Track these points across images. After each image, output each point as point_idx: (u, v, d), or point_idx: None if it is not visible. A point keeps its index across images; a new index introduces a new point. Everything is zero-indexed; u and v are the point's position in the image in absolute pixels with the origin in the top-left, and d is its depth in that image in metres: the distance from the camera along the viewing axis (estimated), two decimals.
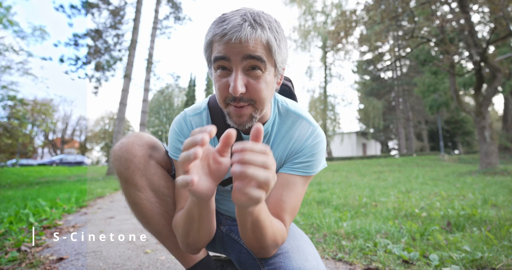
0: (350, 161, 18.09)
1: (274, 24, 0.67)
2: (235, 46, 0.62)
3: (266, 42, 0.64)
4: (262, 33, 0.63)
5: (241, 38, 0.61)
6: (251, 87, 0.66)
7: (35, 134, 28.86)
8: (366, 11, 9.25)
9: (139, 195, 0.79)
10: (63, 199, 4.20)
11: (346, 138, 30.89)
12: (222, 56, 0.63)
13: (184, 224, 0.69)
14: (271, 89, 0.70)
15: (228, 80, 0.65)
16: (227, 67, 0.65)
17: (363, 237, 1.82)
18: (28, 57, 12.55)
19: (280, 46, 0.67)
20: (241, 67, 0.64)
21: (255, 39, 0.62)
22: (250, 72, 0.65)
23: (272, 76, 0.69)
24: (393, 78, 31.96)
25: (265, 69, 0.66)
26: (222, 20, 0.64)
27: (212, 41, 0.66)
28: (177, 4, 14.24)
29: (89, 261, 1.55)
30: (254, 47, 0.63)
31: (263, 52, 0.64)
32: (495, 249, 1.45)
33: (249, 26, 0.62)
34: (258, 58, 0.63)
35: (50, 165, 25.41)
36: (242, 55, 0.62)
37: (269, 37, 0.64)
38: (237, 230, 0.98)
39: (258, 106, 0.68)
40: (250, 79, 0.66)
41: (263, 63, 0.65)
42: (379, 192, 4.39)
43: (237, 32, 0.61)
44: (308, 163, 0.79)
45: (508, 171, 7.38)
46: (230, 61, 0.64)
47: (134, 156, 0.78)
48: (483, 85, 9.05)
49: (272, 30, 0.65)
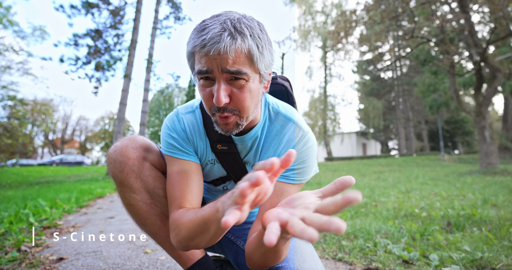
0: (350, 161, 18.09)
1: (256, 29, 0.64)
2: (215, 57, 0.60)
3: (247, 51, 0.62)
4: (242, 43, 0.61)
5: (219, 50, 0.59)
6: (235, 97, 0.65)
7: (35, 134, 28.92)
8: (366, 11, 9.25)
9: (134, 197, 0.79)
10: (63, 199, 4.20)
11: (346, 138, 30.90)
12: (206, 70, 0.62)
13: (194, 230, 0.66)
14: (256, 97, 0.69)
15: (211, 90, 0.65)
16: (210, 77, 0.64)
17: (363, 237, 1.82)
18: (28, 57, 12.61)
19: (263, 53, 0.65)
20: (223, 78, 0.63)
21: (235, 50, 0.60)
22: (233, 82, 0.64)
23: (257, 83, 0.68)
24: (393, 78, 31.96)
25: (249, 79, 0.64)
26: (201, 29, 0.62)
27: (193, 52, 0.65)
28: (177, 4, 14.24)
29: (89, 261, 1.54)
30: (234, 59, 0.61)
31: (245, 62, 0.62)
32: (495, 249, 1.45)
33: (229, 35, 0.59)
34: (236, 73, 0.62)
35: (50, 165, 25.41)
36: (221, 67, 0.61)
37: (250, 45, 0.62)
38: (233, 230, 0.98)
39: (243, 114, 0.68)
40: (234, 88, 0.64)
41: (244, 75, 0.63)
42: (379, 192, 4.39)
43: (216, 43, 0.59)
44: (299, 170, 0.77)
45: (508, 171, 7.37)
46: (213, 72, 0.62)
47: (128, 158, 0.78)
48: (483, 85, 9.05)
49: (254, 37, 0.63)
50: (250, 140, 0.81)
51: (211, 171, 0.88)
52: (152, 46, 12.75)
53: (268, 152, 0.81)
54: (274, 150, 0.81)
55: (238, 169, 0.85)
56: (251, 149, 0.83)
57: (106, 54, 12.40)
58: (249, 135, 0.80)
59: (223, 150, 0.82)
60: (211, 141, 0.82)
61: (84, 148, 42.80)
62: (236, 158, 0.83)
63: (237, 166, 0.85)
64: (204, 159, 0.85)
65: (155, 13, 13.13)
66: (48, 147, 39.70)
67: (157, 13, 13.16)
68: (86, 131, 43.01)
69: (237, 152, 0.83)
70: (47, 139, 38.28)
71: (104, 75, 12.39)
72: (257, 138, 0.81)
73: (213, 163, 0.86)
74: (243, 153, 0.84)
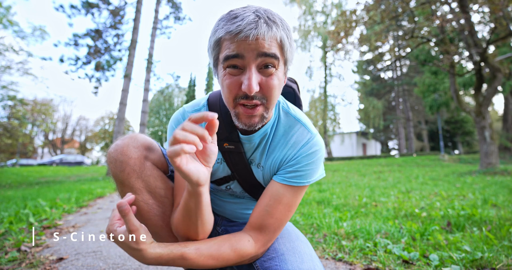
0: (350, 161, 18.09)
1: (285, 22, 0.67)
2: (250, 43, 0.61)
3: (280, 40, 0.64)
4: (277, 31, 0.63)
5: (258, 36, 0.60)
6: (264, 85, 0.65)
7: (35, 134, 28.91)
8: (366, 11, 9.25)
9: (135, 197, 0.79)
10: (63, 199, 4.20)
11: (346, 138, 30.89)
12: (236, 54, 0.62)
13: (183, 218, 0.69)
14: (280, 88, 0.70)
15: (239, 78, 0.64)
16: (239, 65, 0.64)
17: (363, 237, 1.82)
18: (28, 57, 12.60)
19: (291, 45, 0.67)
20: (255, 64, 0.63)
21: (271, 37, 0.62)
22: (263, 70, 0.64)
23: (283, 73, 0.69)
24: (393, 78, 31.96)
25: (278, 67, 0.66)
26: (233, 17, 0.62)
27: (222, 39, 0.64)
28: (177, 4, 14.24)
29: (89, 261, 1.54)
30: (269, 45, 0.62)
31: (277, 50, 0.64)
32: (495, 249, 1.45)
33: (265, 23, 0.61)
34: (273, 55, 0.63)
35: (50, 165, 25.43)
36: (257, 52, 0.61)
37: (282, 34, 0.64)
38: (232, 230, 0.98)
39: (269, 105, 0.68)
40: (263, 77, 0.65)
41: (277, 60, 0.64)
42: (379, 192, 4.39)
43: (254, 29, 0.60)
44: (301, 173, 0.76)
45: (508, 171, 7.37)
46: (244, 58, 0.62)
47: (129, 158, 0.76)
48: (483, 85, 9.05)
49: (284, 27, 0.65)
50: (258, 138, 0.80)
51: (216, 170, 0.87)
52: (152, 46, 12.75)
53: (274, 152, 0.80)
54: (280, 150, 0.80)
55: (243, 169, 0.85)
56: (258, 147, 0.82)
57: (106, 54, 12.40)
58: (259, 133, 0.79)
59: (229, 149, 0.82)
60: (218, 140, 0.82)
61: (84, 148, 42.82)
62: (242, 157, 0.83)
63: (242, 165, 0.84)
64: None
65: (155, 13, 13.13)
66: (48, 147, 39.71)
67: (157, 13, 13.16)
68: (86, 131, 43.04)
69: (243, 151, 0.82)
70: (47, 139, 38.29)
71: (104, 75, 12.39)
72: (266, 136, 0.81)
73: (219, 163, 0.86)
74: (249, 152, 0.83)
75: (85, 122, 42.73)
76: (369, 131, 30.39)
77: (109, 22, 12.54)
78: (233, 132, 0.80)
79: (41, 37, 12.46)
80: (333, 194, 4.14)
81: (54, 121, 37.08)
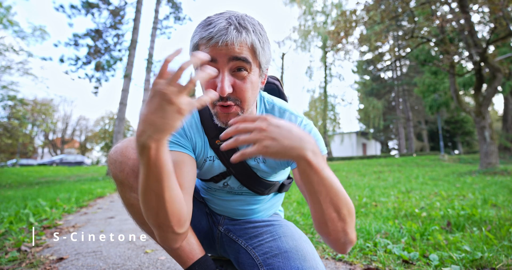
0: (350, 161, 18.09)
1: (258, 27, 0.69)
2: (221, 48, 0.64)
3: (250, 45, 0.67)
4: (247, 36, 0.66)
5: (227, 41, 0.64)
6: (237, 87, 0.68)
7: (35, 134, 28.90)
8: (366, 11, 9.24)
9: (135, 196, 0.79)
10: (63, 199, 4.20)
11: (346, 138, 30.88)
12: (209, 59, 0.64)
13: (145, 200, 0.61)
14: (256, 89, 0.73)
15: (215, 81, 0.67)
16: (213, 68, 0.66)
17: (363, 237, 1.82)
18: (28, 57, 12.58)
19: (264, 48, 0.70)
20: (227, 68, 0.66)
21: (241, 42, 0.65)
22: (236, 73, 0.68)
23: (257, 76, 0.72)
24: (393, 78, 31.96)
25: (251, 70, 0.69)
26: (207, 24, 0.66)
27: (198, 44, 0.68)
28: (177, 4, 14.24)
29: (89, 261, 1.54)
30: (240, 49, 0.65)
31: (248, 54, 0.67)
32: (495, 249, 1.45)
33: (235, 29, 0.64)
34: (243, 59, 0.66)
35: (50, 165, 25.42)
36: (228, 56, 0.65)
37: (254, 39, 0.67)
38: (235, 229, 0.98)
39: (244, 105, 0.71)
40: (237, 79, 0.68)
41: (248, 64, 0.67)
42: (379, 192, 4.39)
43: (223, 35, 0.63)
44: None
45: (508, 171, 7.37)
46: (217, 62, 0.66)
47: (128, 159, 0.78)
48: (483, 85, 9.05)
49: (256, 33, 0.68)
50: None
51: (211, 168, 0.88)
52: (152, 46, 12.74)
53: None
54: None
55: (238, 163, 0.86)
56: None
57: (106, 54, 12.40)
58: None
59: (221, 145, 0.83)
60: (209, 137, 0.84)
61: (84, 148, 42.81)
62: (235, 152, 0.84)
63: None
64: (203, 156, 0.86)
65: (155, 13, 13.13)
66: (48, 147, 39.71)
67: (157, 13, 13.16)
68: (86, 131, 43.03)
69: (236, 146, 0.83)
70: (47, 139, 38.29)
71: (104, 75, 12.39)
72: None
73: (212, 160, 0.87)
74: (241, 146, 0.85)
75: (85, 122, 42.75)
76: (369, 131, 30.38)
77: (109, 22, 12.54)
78: (223, 129, 0.81)
79: (41, 37, 12.47)
80: None
81: (54, 121, 37.08)
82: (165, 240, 0.70)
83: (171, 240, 0.70)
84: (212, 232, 1.04)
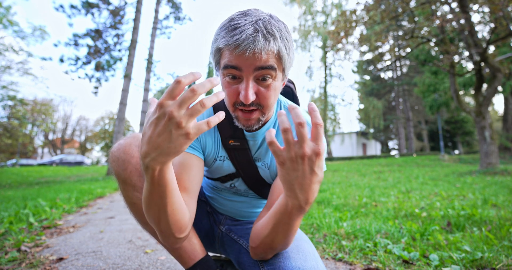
0: (350, 161, 18.08)
1: (284, 32, 0.67)
2: (248, 58, 0.62)
3: (277, 52, 0.65)
4: (274, 45, 0.64)
5: (255, 51, 0.61)
6: (261, 95, 0.68)
7: (35, 134, 28.92)
8: (366, 11, 9.24)
9: (137, 195, 0.79)
10: (63, 199, 4.20)
11: (346, 138, 30.88)
12: (233, 66, 0.64)
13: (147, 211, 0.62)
14: (277, 93, 0.73)
15: (238, 87, 0.67)
16: (237, 75, 0.66)
17: (363, 237, 1.82)
18: (28, 57, 12.62)
19: (290, 54, 0.69)
20: (252, 76, 0.65)
21: (268, 51, 0.63)
22: (260, 81, 0.67)
23: (280, 81, 0.72)
24: (393, 78, 31.96)
25: (275, 77, 0.68)
26: (233, 28, 0.63)
27: (222, 48, 0.66)
28: (177, 4, 14.24)
29: (89, 261, 1.54)
30: (266, 58, 0.63)
31: (274, 61, 0.65)
32: (495, 249, 1.45)
33: (263, 37, 0.62)
34: (270, 67, 0.65)
35: (50, 165, 25.42)
36: (254, 66, 0.63)
37: (280, 46, 0.65)
38: (236, 230, 0.98)
39: (265, 110, 0.72)
40: (260, 87, 0.67)
41: (274, 71, 0.66)
42: (379, 192, 4.39)
43: (251, 44, 0.61)
44: None
45: (508, 171, 7.37)
46: (242, 70, 0.64)
47: (131, 157, 0.77)
48: (483, 85, 9.05)
49: (283, 39, 0.66)
50: (262, 135, 0.83)
51: (220, 168, 0.88)
52: (152, 46, 12.75)
53: None
54: None
55: (247, 165, 0.86)
56: (262, 145, 0.85)
57: (106, 54, 12.41)
58: (262, 130, 0.82)
59: (235, 146, 0.83)
60: (223, 137, 0.84)
61: (84, 148, 42.81)
62: (247, 154, 0.85)
63: (247, 162, 0.85)
64: (213, 155, 0.86)
65: (155, 13, 13.14)
66: (48, 147, 39.71)
67: (157, 13, 13.17)
68: (86, 131, 43.03)
69: (248, 148, 0.84)
70: (47, 139, 38.30)
71: (104, 75, 12.40)
72: None
73: (222, 160, 0.87)
74: (253, 149, 0.85)
75: (85, 122, 42.75)
76: (369, 131, 30.38)
77: (109, 22, 12.54)
78: (238, 130, 0.83)
79: (41, 37, 12.48)
80: (333, 194, 4.14)
81: (54, 121, 37.08)
82: (166, 241, 0.70)
83: (172, 242, 0.70)
84: (212, 231, 1.03)
